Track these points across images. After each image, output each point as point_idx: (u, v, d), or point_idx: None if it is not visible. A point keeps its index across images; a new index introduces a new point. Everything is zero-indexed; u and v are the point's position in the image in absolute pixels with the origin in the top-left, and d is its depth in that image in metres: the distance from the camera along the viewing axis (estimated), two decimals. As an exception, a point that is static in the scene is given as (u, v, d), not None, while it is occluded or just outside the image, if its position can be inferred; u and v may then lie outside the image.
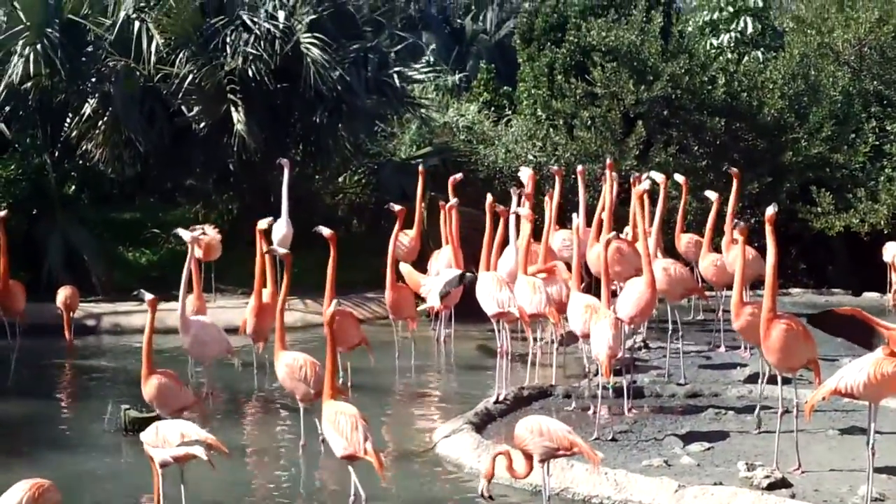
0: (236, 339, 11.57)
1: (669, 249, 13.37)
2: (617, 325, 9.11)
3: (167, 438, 6.95)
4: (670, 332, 10.83)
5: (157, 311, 8.50)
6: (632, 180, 12.47)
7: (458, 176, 14.00)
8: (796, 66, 17.58)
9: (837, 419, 9.29)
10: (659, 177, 12.20)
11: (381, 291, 15.29)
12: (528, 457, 7.32)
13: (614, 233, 10.56)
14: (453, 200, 12.90)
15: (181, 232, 10.21)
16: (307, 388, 8.69)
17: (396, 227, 12.05)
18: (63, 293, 12.76)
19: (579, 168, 13.42)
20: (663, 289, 10.58)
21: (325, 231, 10.52)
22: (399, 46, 18.42)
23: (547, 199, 12.19)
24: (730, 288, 13.32)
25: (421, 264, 13.77)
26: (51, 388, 11.58)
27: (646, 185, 11.40)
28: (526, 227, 10.74)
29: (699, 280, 12.97)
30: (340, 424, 7.32)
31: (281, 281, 9.58)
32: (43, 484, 6.17)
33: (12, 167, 15.42)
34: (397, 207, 12.26)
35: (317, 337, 10.79)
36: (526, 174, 11.75)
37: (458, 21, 27.95)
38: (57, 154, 16.60)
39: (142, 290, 8.57)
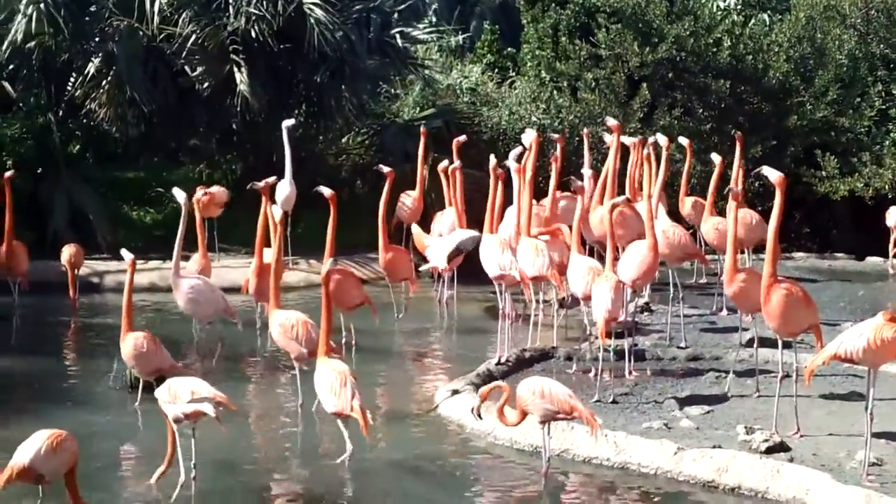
0: (240, 298, 11.66)
1: (673, 213, 13.37)
2: (618, 288, 9.13)
3: (178, 395, 7.09)
4: (671, 295, 10.87)
5: (135, 270, 8.87)
6: (633, 143, 12.46)
7: (462, 138, 14.00)
8: (802, 28, 17.49)
9: (837, 384, 9.34)
10: (662, 140, 12.19)
11: (384, 252, 15.49)
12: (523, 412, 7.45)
13: (624, 196, 10.56)
14: (456, 163, 12.92)
15: (176, 192, 10.29)
16: (300, 348, 8.85)
17: (386, 188, 11.93)
18: (67, 251, 12.85)
19: (585, 130, 13.44)
20: (663, 252, 10.59)
21: (326, 191, 10.58)
22: (402, 6, 18.31)
23: (552, 161, 12.17)
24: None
25: (424, 225, 13.81)
26: (55, 345, 11.66)
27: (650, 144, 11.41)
28: (526, 190, 10.74)
29: (702, 244, 12.99)
30: (331, 381, 7.52)
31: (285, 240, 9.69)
32: (61, 434, 6.42)
33: (17, 126, 15.41)
34: (386, 169, 12.21)
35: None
36: (529, 137, 11.74)
37: (463, -19, 27.80)
38: (61, 113, 16.60)
39: (123, 250, 8.88)
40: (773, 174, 8.13)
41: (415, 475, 7.84)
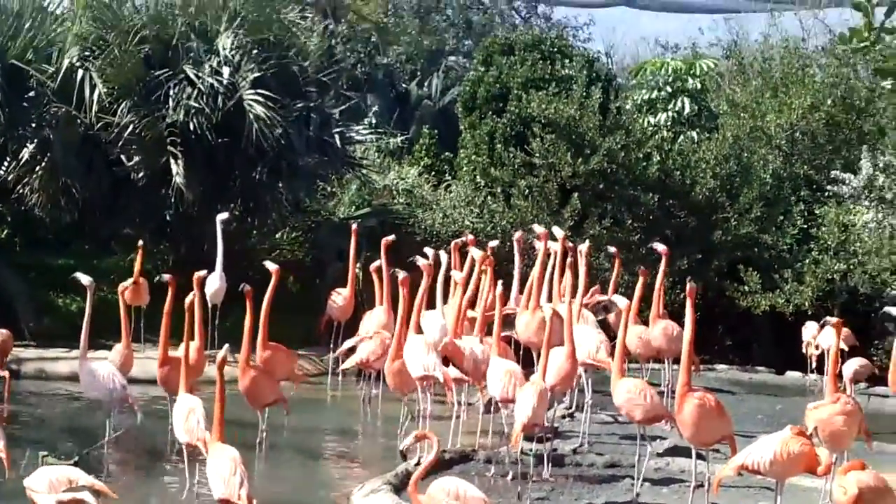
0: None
1: (600, 321, 13.55)
2: (542, 394, 9.23)
3: (54, 484, 6.95)
4: (589, 401, 11.00)
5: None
6: (555, 251, 12.67)
7: (391, 237, 14.17)
8: (729, 147, 18.00)
9: (748, 495, 9.46)
10: (559, 233, 12.54)
11: (313, 348, 15.50)
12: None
13: (550, 305, 10.79)
14: (380, 262, 13.09)
15: (80, 276, 10.58)
16: (191, 434, 8.97)
17: (271, 287, 11.55)
18: None
19: (517, 235, 13.67)
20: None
21: (247, 287, 10.77)
22: (343, 107, 18.61)
23: (486, 266, 12.37)
24: (655, 361, 13.68)
25: (354, 324, 13.88)
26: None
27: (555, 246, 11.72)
28: (454, 295, 10.92)
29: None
30: (220, 467, 7.53)
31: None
32: None
33: (-55, 208, 15.32)
34: (273, 267, 11.93)
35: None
36: (477, 254, 12.01)
37: (404, 86, 28.29)
38: (-8, 197, 16.53)
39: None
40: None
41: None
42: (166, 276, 11.06)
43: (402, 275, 10.75)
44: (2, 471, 8.06)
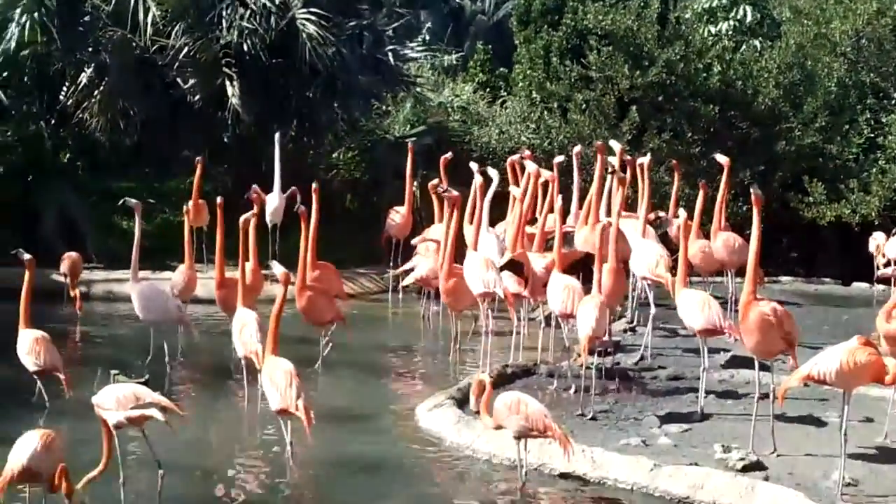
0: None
1: (661, 234, 13.42)
2: (603, 307, 9.18)
3: (121, 400, 7.06)
4: (652, 314, 10.93)
5: (34, 271, 9.05)
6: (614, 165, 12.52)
7: (448, 155, 14.10)
8: (792, 55, 17.61)
9: (815, 406, 9.38)
10: (616, 146, 12.36)
11: (373, 266, 15.57)
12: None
13: (608, 219, 10.68)
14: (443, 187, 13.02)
15: (128, 199, 10.95)
16: (244, 348, 9.19)
17: (315, 209, 11.29)
18: (69, 260, 12.96)
19: (575, 150, 13.50)
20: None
21: (302, 208, 10.88)
22: (396, 24, 18.43)
23: (550, 180, 12.26)
24: (718, 274, 13.55)
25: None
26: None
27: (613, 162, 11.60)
28: (512, 211, 10.86)
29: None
30: (276, 379, 7.61)
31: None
32: (49, 433, 6.58)
33: (8, 134, 15.47)
34: (303, 209, 11.50)
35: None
36: (532, 168, 11.93)
37: (457, 1, 27.94)
38: (53, 122, 16.65)
39: (20, 250, 9.09)
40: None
41: (391, 488, 7.86)
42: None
43: (453, 193, 10.68)
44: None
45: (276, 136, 14.18)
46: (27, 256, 9.01)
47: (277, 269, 8.44)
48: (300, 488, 7.86)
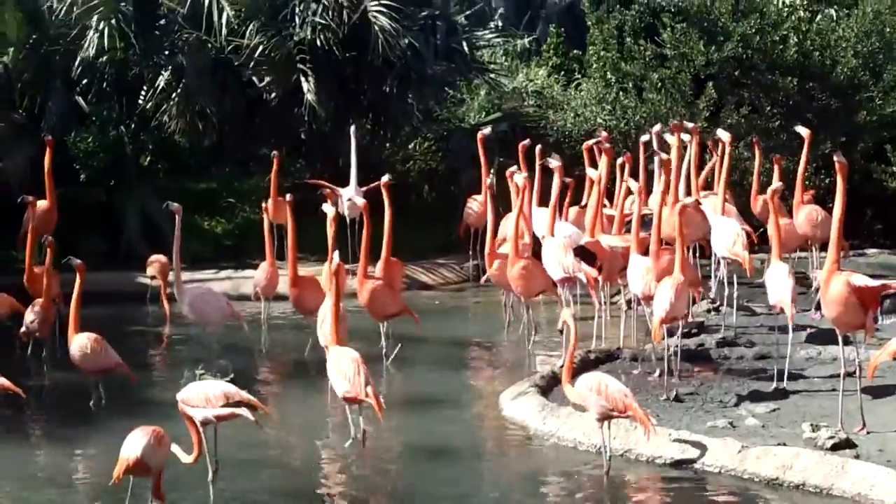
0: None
1: (744, 211, 13.23)
2: (680, 287, 9.08)
3: (210, 398, 7.18)
4: (736, 294, 10.81)
5: (84, 275, 9.45)
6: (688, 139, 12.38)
7: (527, 142, 14.04)
8: (870, 23, 17.22)
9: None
10: (725, 136, 12.14)
11: (451, 257, 15.60)
12: None
13: (693, 198, 10.61)
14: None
15: (171, 204, 10.97)
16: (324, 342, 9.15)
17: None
18: (158, 263, 13.24)
19: (654, 129, 13.35)
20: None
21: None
22: (468, 12, 18.44)
23: (625, 161, 12.17)
24: (801, 250, 13.33)
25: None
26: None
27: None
28: (593, 193, 10.81)
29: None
30: (343, 367, 7.69)
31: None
32: (159, 430, 6.76)
33: (90, 140, 15.78)
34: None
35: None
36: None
37: (529, -16, 27.77)
38: (133, 126, 16.91)
39: (71, 257, 9.45)
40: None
41: (476, 474, 7.91)
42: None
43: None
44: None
45: (352, 130, 14.30)
46: (77, 262, 9.33)
47: (334, 261, 8.52)
48: (388, 476, 7.94)
